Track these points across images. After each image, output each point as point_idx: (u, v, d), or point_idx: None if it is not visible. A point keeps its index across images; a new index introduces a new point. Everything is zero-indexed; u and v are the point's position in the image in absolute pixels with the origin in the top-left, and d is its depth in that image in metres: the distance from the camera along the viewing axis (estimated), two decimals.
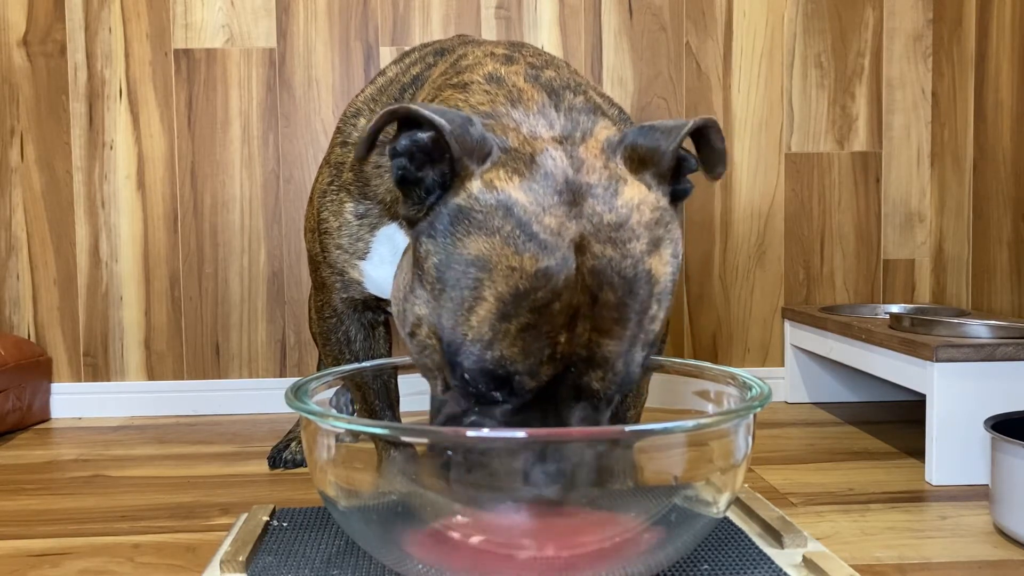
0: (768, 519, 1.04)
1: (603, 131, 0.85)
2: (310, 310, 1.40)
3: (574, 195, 0.78)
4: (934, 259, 2.13)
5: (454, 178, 0.79)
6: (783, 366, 2.12)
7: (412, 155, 0.81)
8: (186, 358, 2.06)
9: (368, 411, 1.16)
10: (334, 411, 0.99)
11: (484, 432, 0.77)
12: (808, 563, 0.94)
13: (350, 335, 1.18)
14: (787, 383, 2.10)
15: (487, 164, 0.79)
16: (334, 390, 1.01)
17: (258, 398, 2.05)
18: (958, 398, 1.41)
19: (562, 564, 0.80)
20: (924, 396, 1.45)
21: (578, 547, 0.81)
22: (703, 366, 1.01)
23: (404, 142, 0.81)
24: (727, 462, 0.85)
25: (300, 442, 1.58)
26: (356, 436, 0.87)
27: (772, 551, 0.98)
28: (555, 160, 0.80)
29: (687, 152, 0.86)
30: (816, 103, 2.11)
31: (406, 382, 1.11)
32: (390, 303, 1.01)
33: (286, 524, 1.09)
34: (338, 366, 1.13)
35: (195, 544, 1.19)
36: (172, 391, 2.05)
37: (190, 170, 2.04)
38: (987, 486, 1.28)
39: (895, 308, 1.95)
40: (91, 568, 1.12)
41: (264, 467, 1.58)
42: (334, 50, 2.05)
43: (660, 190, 0.83)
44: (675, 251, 0.82)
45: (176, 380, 2.06)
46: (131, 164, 2.03)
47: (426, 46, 1.16)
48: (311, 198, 1.17)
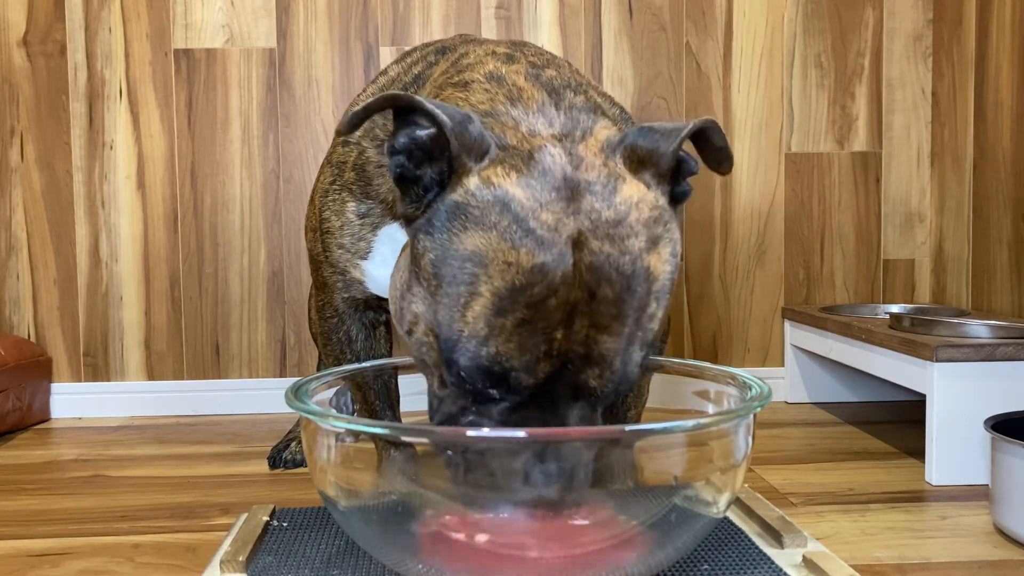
0: (768, 519, 1.04)
1: (603, 130, 0.85)
2: (310, 310, 1.40)
3: (572, 192, 0.78)
4: (934, 259, 2.13)
5: (452, 175, 0.79)
6: (783, 366, 2.12)
7: (410, 153, 0.81)
8: (186, 358, 2.06)
9: (368, 411, 1.16)
10: (334, 411, 0.99)
11: (484, 432, 0.77)
12: (808, 563, 0.94)
13: (351, 335, 1.18)
14: (787, 383, 2.10)
15: (485, 161, 0.79)
16: (334, 390, 1.01)
17: (258, 398, 2.05)
18: (958, 398, 1.41)
19: (562, 564, 0.80)
20: (924, 396, 1.45)
21: (578, 547, 0.81)
22: (703, 366, 1.01)
23: (403, 139, 0.81)
24: (727, 462, 0.84)
25: (300, 442, 1.58)
26: (356, 436, 0.87)
27: (772, 551, 0.98)
28: (554, 157, 0.80)
29: (687, 154, 0.85)
30: (816, 103, 2.11)
31: (406, 382, 1.11)
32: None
33: (286, 524, 1.09)
34: (339, 366, 1.13)
35: (195, 544, 1.19)
36: (172, 391, 2.05)
37: (190, 170, 2.04)
38: (987, 486, 1.28)
39: (895, 308, 1.95)
40: (91, 568, 1.12)
41: (264, 467, 1.58)
42: (334, 50, 2.05)
43: (659, 190, 0.82)
44: (674, 250, 0.81)
45: (176, 380, 2.06)
46: (131, 164, 2.03)
47: (428, 45, 1.16)
48: (312, 197, 1.17)
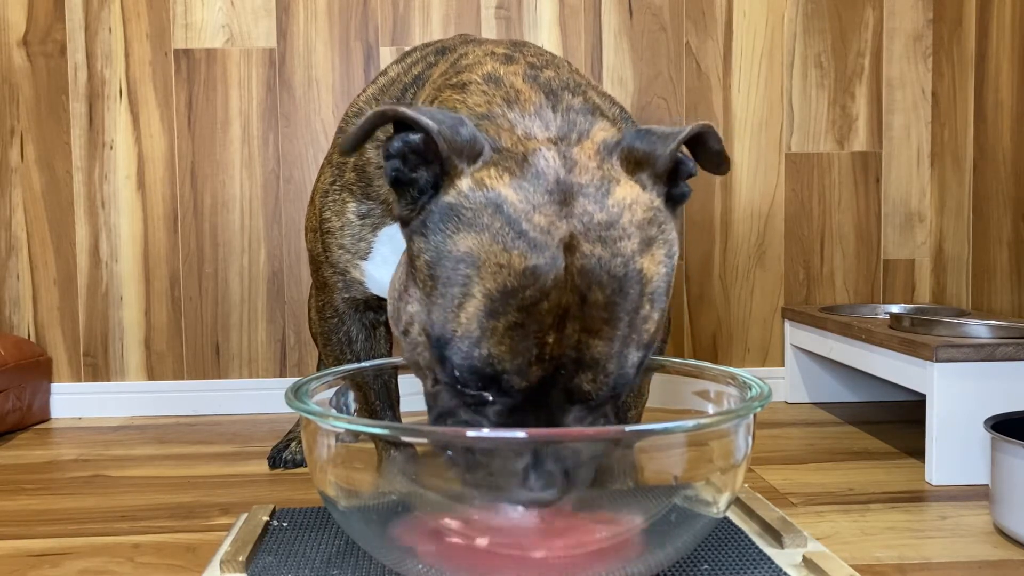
0: (768, 519, 1.04)
1: (600, 133, 0.85)
2: (310, 310, 1.40)
3: (565, 195, 0.78)
4: (934, 259, 2.13)
5: (445, 177, 0.79)
6: (783, 366, 2.12)
7: (405, 156, 0.82)
8: (186, 358, 2.06)
9: (368, 411, 1.16)
10: (334, 411, 0.99)
11: (484, 432, 0.76)
12: (808, 563, 0.94)
13: (351, 335, 1.18)
14: (787, 383, 2.10)
15: (478, 163, 0.79)
16: (334, 390, 1.01)
17: (258, 398, 2.05)
18: (958, 398, 1.41)
19: (562, 564, 0.80)
20: (924, 396, 1.45)
21: (578, 547, 0.81)
22: (703, 366, 1.01)
23: (397, 144, 0.81)
24: (727, 462, 0.84)
25: (300, 442, 1.58)
26: (356, 436, 0.87)
27: (772, 551, 0.98)
28: (547, 160, 0.80)
29: (685, 156, 0.85)
30: (816, 103, 2.11)
31: (406, 382, 1.11)
32: None
33: (286, 524, 1.09)
34: (339, 366, 1.13)
35: (195, 544, 1.19)
36: (172, 391, 2.05)
37: (190, 170, 2.04)
38: (987, 486, 1.28)
39: (895, 308, 1.95)
40: (91, 568, 1.12)
41: (264, 467, 1.58)
42: (334, 50, 2.05)
43: (655, 191, 0.82)
44: (669, 251, 0.81)
45: (176, 380, 2.06)
46: (131, 164, 2.04)
47: (428, 45, 1.16)
48: (312, 198, 1.17)
